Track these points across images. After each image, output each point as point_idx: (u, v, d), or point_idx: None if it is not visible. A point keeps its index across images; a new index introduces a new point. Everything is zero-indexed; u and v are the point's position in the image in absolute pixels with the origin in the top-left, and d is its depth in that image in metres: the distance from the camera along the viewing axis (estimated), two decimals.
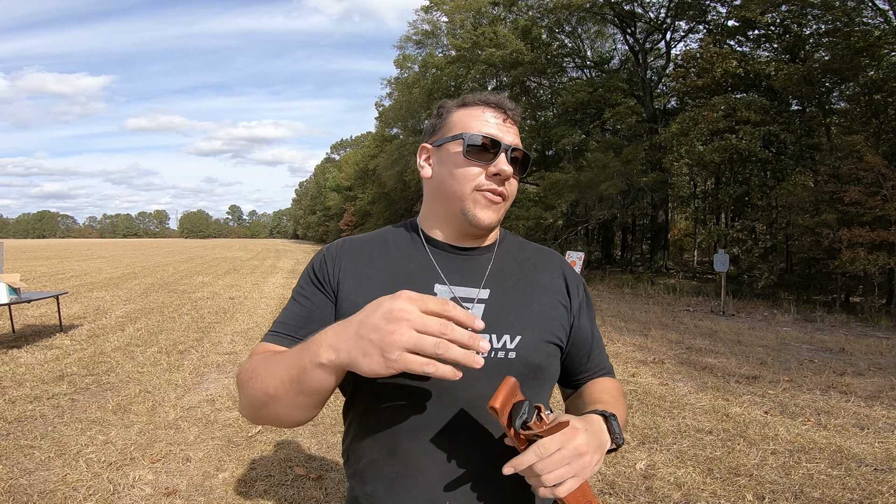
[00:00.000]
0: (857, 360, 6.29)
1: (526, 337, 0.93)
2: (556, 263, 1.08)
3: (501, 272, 1.01)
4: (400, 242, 1.04)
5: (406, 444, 0.89)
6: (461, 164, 0.96)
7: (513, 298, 0.98)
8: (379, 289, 0.91)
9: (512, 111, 1.00)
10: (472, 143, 0.95)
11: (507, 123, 0.98)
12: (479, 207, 0.96)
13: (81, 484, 3.01)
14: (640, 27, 18.16)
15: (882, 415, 4.33)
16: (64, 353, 6.01)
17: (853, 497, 2.96)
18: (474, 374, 0.84)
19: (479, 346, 0.69)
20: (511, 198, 1.00)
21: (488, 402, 0.73)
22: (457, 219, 0.98)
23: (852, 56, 10.81)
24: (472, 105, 1.00)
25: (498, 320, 0.93)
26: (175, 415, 4.15)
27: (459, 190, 0.96)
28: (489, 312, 0.94)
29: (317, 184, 75.40)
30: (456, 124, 0.99)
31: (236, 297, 11.35)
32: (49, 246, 53.00)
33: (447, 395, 0.88)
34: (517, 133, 1.01)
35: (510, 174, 0.96)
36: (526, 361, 0.92)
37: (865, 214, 9.63)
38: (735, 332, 8.04)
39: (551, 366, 0.98)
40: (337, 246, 1.04)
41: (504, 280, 1.00)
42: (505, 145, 0.95)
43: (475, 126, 0.97)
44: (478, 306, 0.95)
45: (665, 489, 3.06)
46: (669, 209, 19.90)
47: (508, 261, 1.04)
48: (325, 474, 3.26)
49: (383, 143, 32.97)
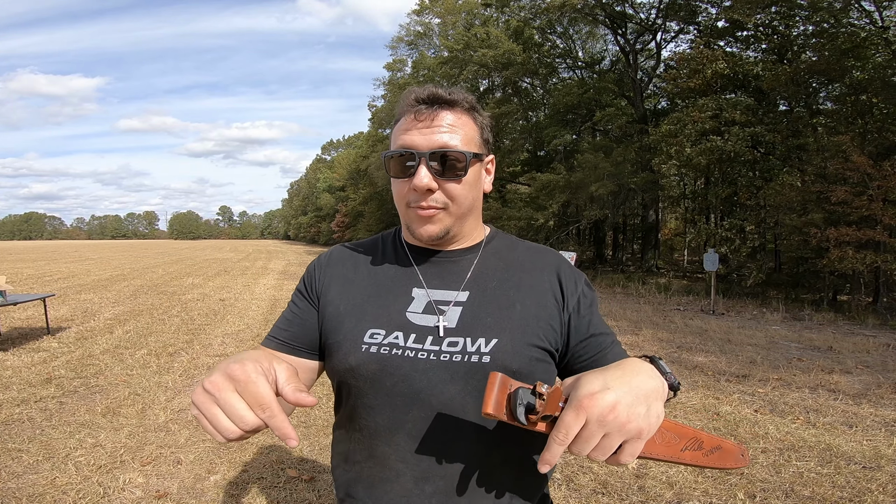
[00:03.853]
0: (845, 358, 6.36)
1: (503, 340, 0.90)
2: (549, 261, 1.02)
3: (484, 274, 0.99)
4: (386, 249, 1.05)
5: (382, 447, 0.90)
6: (392, 182, 0.94)
7: (492, 300, 0.95)
8: (360, 294, 0.98)
9: (443, 98, 0.91)
10: (389, 160, 0.92)
11: (433, 119, 0.89)
12: (414, 222, 0.93)
13: (71, 487, 2.97)
14: (630, 28, 18.27)
15: (870, 412, 4.38)
16: (51, 355, 5.94)
17: (843, 495, 2.99)
18: (446, 379, 0.87)
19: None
20: (456, 204, 0.92)
21: (482, 410, 0.67)
22: (409, 233, 0.98)
23: (839, 57, 10.94)
24: (403, 113, 0.94)
25: (473, 323, 0.92)
26: (165, 417, 4.11)
27: (398, 206, 0.96)
28: (465, 315, 0.93)
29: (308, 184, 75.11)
30: (391, 140, 0.96)
31: (227, 299, 11.27)
32: (36, 247, 52.36)
33: (419, 400, 0.88)
34: (454, 124, 0.90)
35: (426, 187, 0.87)
36: (501, 366, 0.88)
37: (852, 214, 9.75)
38: (725, 331, 8.10)
39: (534, 371, 0.91)
40: (327, 255, 1.08)
41: (486, 282, 0.97)
42: (420, 153, 0.88)
43: (395, 139, 0.92)
44: (454, 309, 0.93)
45: (657, 488, 3.08)
46: (660, 209, 20.02)
47: (494, 261, 1.01)
48: (317, 476, 3.25)
49: (376, 143, 32.90)
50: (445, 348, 0.89)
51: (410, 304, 0.95)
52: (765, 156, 13.36)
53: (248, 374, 0.64)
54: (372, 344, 0.91)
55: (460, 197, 0.92)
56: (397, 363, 0.89)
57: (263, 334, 7.19)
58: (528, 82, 22.33)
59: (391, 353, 0.90)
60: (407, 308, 0.94)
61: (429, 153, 0.88)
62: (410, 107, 0.91)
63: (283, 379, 0.67)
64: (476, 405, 0.86)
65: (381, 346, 0.91)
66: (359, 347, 0.92)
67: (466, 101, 0.93)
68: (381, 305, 0.95)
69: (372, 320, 0.94)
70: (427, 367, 0.88)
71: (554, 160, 19.83)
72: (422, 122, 0.89)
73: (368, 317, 0.94)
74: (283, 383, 0.67)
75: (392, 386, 0.89)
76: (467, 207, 0.95)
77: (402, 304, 0.95)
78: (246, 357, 0.68)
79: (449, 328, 0.91)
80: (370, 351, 0.91)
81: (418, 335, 0.91)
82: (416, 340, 0.91)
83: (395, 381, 0.89)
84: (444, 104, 0.91)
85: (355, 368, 0.91)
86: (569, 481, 3.14)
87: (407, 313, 0.94)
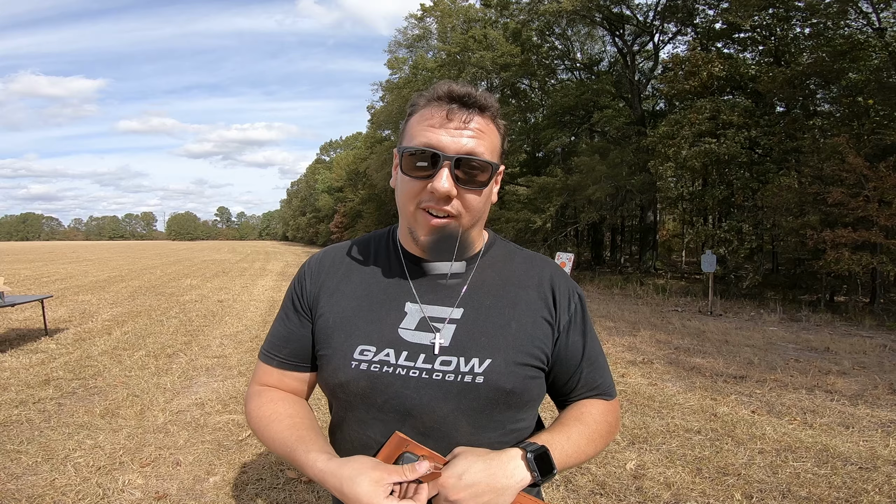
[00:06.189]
0: (842, 359, 6.39)
1: (496, 360, 0.88)
2: (545, 275, 0.99)
3: (480, 289, 0.95)
4: (379, 254, 1.00)
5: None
6: (403, 179, 0.88)
7: (487, 319, 0.92)
8: (350, 306, 0.95)
9: (477, 102, 0.85)
10: (408, 156, 0.85)
11: (465, 122, 0.84)
12: (420, 228, 0.88)
13: (70, 488, 2.97)
14: (628, 29, 18.32)
15: (866, 413, 4.40)
16: (49, 357, 5.93)
17: (839, 495, 3.01)
18: (439, 397, 0.87)
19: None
20: (469, 214, 0.88)
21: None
22: (411, 237, 0.93)
23: (835, 59, 10.99)
24: (428, 104, 0.87)
25: (467, 343, 0.90)
26: (164, 419, 4.11)
27: (404, 206, 0.90)
28: (459, 334, 0.90)
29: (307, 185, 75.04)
30: (408, 130, 0.89)
31: (225, 300, 11.27)
32: (33, 248, 52.22)
33: (412, 416, 0.88)
34: (483, 131, 0.86)
35: (447, 193, 0.82)
36: (495, 386, 0.87)
37: (848, 215, 9.79)
38: (722, 332, 8.13)
39: (528, 389, 0.91)
40: (318, 260, 1.04)
41: (481, 298, 0.94)
42: (446, 157, 0.82)
43: (418, 134, 0.85)
44: (448, 327, 0.91)
45: (655, 489, 3.09)
46: (658, 210, 20.07)
47: (490, 275, 0.97)
48: None
49: (374, 144, 32.94)
50: (438, 367, 0.88)
51: (403, 320, 0.92)
52: (762, 157, 13.41)
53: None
54: (362, 361, 0.89)
55: (475, 208, 0.88)
56: (388, 381, 0.88)
57: (261, 335, 7.19)
58: (527, 84, 22.38)
59: (381, 370, 0.88)
60: (399, 324, 0.92)
61: (455, 158, 0.82)
62: (442, 101, 0.85)
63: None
64: (468, 424, 0.88)
65: (371, 364, 0.89)
66: (348, 364, 0.90)
67: (495, 107, 0.88)
68: (373, 321, 0.92)
69: (362, 336, 0.91)
70: (419, 384, 0.87)
71: (551, 162, 19.86)
72: (452, 122, 0.84)
73: (359, 332, 0.92)
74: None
75: (383, 403, 0.88)
76: (478, 219, 0.92)
77: (394, 319, 0.92)
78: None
79: (443, 346, 0.89)
80: (360, 368, 0.89)
81: (410, 353, 0.89)
82: (407, 358, 0.89)
83: (387, 399, 0.88)
84: (477, 108, 0.86)
85: (345, 385, 0.90)
86: (567, 482, 3.15)
87: (399, 329, 0.91)
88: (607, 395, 1.01)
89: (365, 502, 0.74)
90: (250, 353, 6.29)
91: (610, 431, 0.97)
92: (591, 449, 0.92)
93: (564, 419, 0.95)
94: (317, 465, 0.81)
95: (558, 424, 0.94)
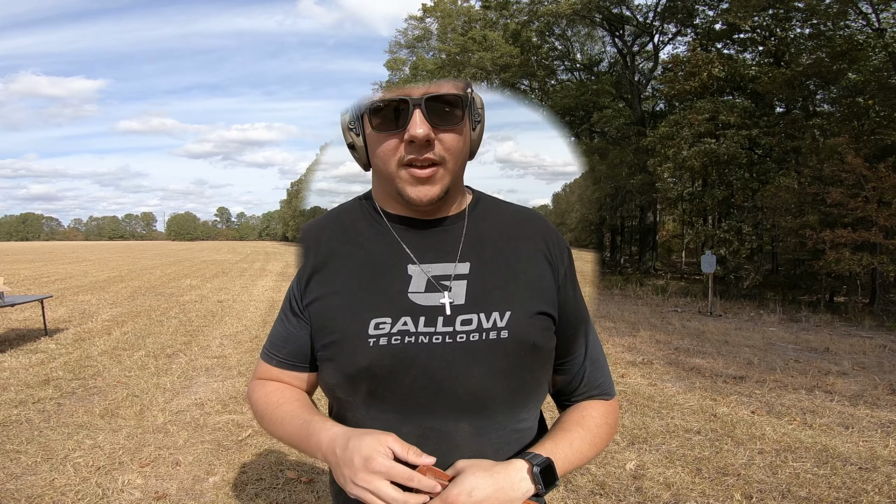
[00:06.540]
0: (842, 359, 6.39)
1: (516, 312, 0.84)
2: (539, 227, 0.95)
3: (478, 241, 0.90)
4: (360, 226, 0.93)
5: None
6: (377, 138, 0.83)
7: (496, 270, 0.88)
8: (348, 282, 0.87)
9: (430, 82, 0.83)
10: (376, 111, 0.81)
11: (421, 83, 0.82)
12: (408, 186, 0.83)
13: (70, 488, 2.97)
14: (628, 30, 18.33)
15: (866, 414, 4.40)
16: (49, 357, 5.93)
17: (839, 496, 3.01)
18: (468, 361, 0.82)
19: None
20: (453, 158, 0.83)
21: None
22: (399, 198, 0.86)
23: (835, 59, 11.00)
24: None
25: (483, 297, 0.85)
26: (164, 419, 4.11)
27: (385, 167, 0.84)
28: (472, 289, 0.85)
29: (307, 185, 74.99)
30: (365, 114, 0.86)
31: (225, 301, 11.26)
32: (33, 248, 52.24)
33: (443, 393, 0.82)
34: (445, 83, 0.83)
35: (426, 137, 0.78)
36: (520, 340, 0.83)
37: (848, 216, 9.80)
38: (722, 333, 8.13)
39: (547, 343, 0.88)
40: (304, 246, 0.96)
41: (483, 250, 0.89)
42: (415, 100, 0.78)
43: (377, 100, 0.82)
44: (458, 283, 0.86)
45: (655, 489, 3.09)
46: (657, 211, 20.08)
47: (485, 227, 0.92)
48: (316, 478, 3.25)
49: None
50: (460, 327, 0.82)
51: (410, 284, 0.85)
52: (761, 158, 13.42)
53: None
54: (380, 336, 0.82)
55: (456, 150, 0.83)
56: (413, 353, 0.81)
57: (261, 335, 7.19)
58: (527, 85, 22.39)
59: (403, 341, 0.81)
60: (407, 288, 0.85)
61: (424, 98, 0.78)
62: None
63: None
64: (507, 383, 0.84)
65: (391, 337, 0.82)
66: (365, 343, 0.82)
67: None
68: (378, 291, 0.85)
69: (373, 308, 0.84)
70: (444, 351, 0.81)
71: None
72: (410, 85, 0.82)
73: (367, 306, 0.84)
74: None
75: (411, 382, 0.81)
76: (461, 164, 0.87)
77: (400, 284, 0.85)
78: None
79: (458, 305, 0.84)
80: (380, 344, 0.81)
81: (428, 317, 0.83)
82: (426, 324, 0.82)
83: (414, 376, 0.81)
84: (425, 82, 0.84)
85: (366, 370, 0.82)
86: (566, 482, 3.15)
87: (409, 294, 0.85)
88: (608, 394, 1.00)
89: (364, 453, 0.73)
90: (250, 353, 6.29)
91: (610, 433, 0.96)
92: (593, 452, 0.91)
93: (566, 423, 0.92)
94: (333, 429, 0.80)
95: (560, 430, 0.90)
